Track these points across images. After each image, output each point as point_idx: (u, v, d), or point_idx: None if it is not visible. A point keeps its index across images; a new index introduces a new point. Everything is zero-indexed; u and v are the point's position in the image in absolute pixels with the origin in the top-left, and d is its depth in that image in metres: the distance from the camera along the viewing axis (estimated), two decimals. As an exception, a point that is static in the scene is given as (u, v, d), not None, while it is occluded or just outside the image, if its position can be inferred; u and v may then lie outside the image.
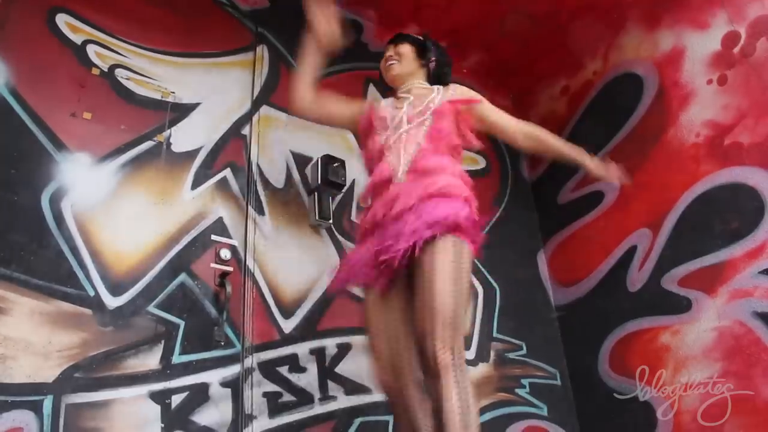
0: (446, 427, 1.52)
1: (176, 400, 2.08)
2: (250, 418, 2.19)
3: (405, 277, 1.79)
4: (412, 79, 2.11)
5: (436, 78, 2.14)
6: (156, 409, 2.03)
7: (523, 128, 2.15)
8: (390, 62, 2.12)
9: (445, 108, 1.98)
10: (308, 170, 2.82)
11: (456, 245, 1.71)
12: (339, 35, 1.95)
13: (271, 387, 2.30)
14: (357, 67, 3.30)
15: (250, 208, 2.55)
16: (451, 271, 1.67)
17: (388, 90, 2.21)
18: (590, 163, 2.21)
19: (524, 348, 3.21)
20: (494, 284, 3.27)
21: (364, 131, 2.07)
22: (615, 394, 3.04)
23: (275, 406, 2.28)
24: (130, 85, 2.46)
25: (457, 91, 2.08)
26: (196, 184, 2.46)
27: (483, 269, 3.26)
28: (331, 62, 2.12)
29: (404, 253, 1.69)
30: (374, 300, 1.85)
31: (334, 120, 2.16)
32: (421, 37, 2.18)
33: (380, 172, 1.90)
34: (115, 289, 2.11)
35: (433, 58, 2.14)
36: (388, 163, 1.89)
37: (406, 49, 2.13)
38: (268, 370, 2.32)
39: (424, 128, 1.93)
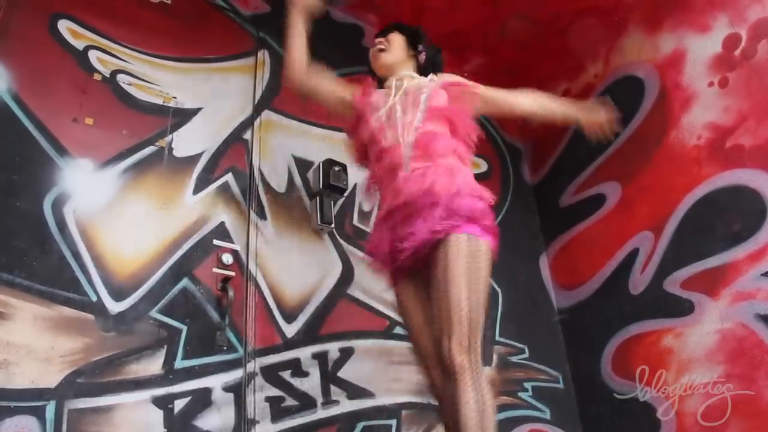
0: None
1: (179, 405, 2.07)
2: (253, 422, 2.19)
3: (424, 272, 1.75)
4: (400, 69, 2.05)
5: (427, 68, 2.08)
6: (159, 414, 2.02)
7: (527, 96, 2.07)
8: (379, 50, 2.08)
9: (441, 93, 1.92)
10: (310, 174, 2.82)
11: (471, 243, 1.67)
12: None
13: (274, 392, 2.30)
14: (358, 71, 3.30)
15: (251, 212, 2.55)
16: (465, 271, 1.63)
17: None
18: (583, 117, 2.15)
19: (527, 351, 3.20)
20: (496, 288, 3.26)
21: (357, 113, 2.01)
22: (616, 395, 3.03)
23: (278, 411, 2.28)
24: (132, 91, 2.47)
25: (451, 78, 2.02)
26: (197, 189, 2.46)
27: (485, 272, 3.26)
28: (331, 66, 2.11)
29: (415, 249, 1.67)
30: (407, 296, 1.82)
31: (326, 95, 2.06)
32: (412, 27, 2.13)
33: (386, 162, 1.85)
34: (118, 294, 2.11)
35: (422, 48, 2.09)
36: (391, 150, 1.84)
37: (397, 37, 2.09)
38: (271, 374, 2.32)
39: (420, 114, 1.87)
